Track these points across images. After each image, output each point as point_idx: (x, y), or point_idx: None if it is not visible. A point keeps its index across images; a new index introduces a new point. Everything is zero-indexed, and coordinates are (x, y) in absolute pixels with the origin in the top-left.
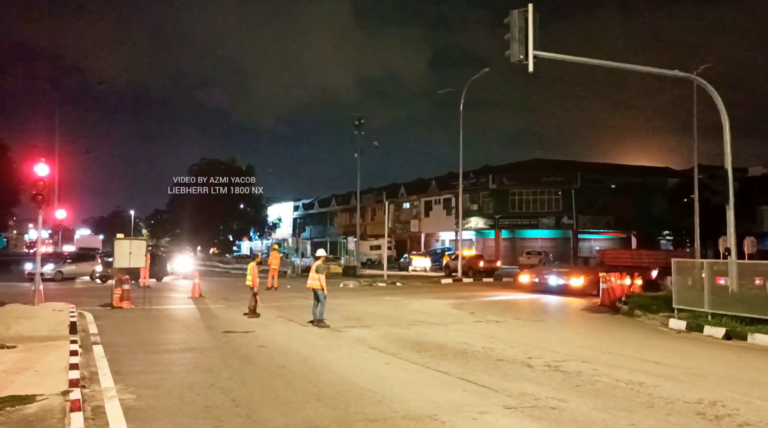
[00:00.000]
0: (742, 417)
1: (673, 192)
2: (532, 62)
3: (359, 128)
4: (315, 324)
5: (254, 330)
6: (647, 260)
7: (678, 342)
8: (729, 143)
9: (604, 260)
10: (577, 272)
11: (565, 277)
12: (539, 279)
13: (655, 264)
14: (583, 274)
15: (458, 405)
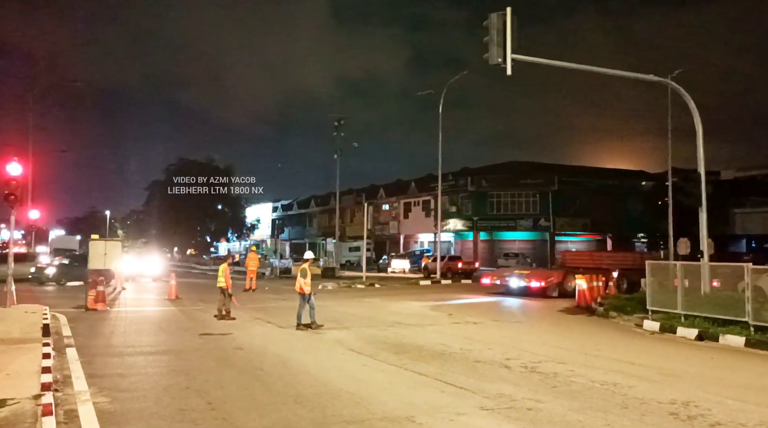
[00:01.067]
0: (714, 417)
1: (647, 195)
2: (510, 65)
3: (339, 129)
4: (313, 328)
5: (231, 332)
6: (608, 262)
7: (652, 343)
8: (702, 147)
9: (566, 262)
10: (538, 274)
11: (527, 279)
12: (501, 281)
13: (616, 266)
14: (544, 276)
15: (435, 407)
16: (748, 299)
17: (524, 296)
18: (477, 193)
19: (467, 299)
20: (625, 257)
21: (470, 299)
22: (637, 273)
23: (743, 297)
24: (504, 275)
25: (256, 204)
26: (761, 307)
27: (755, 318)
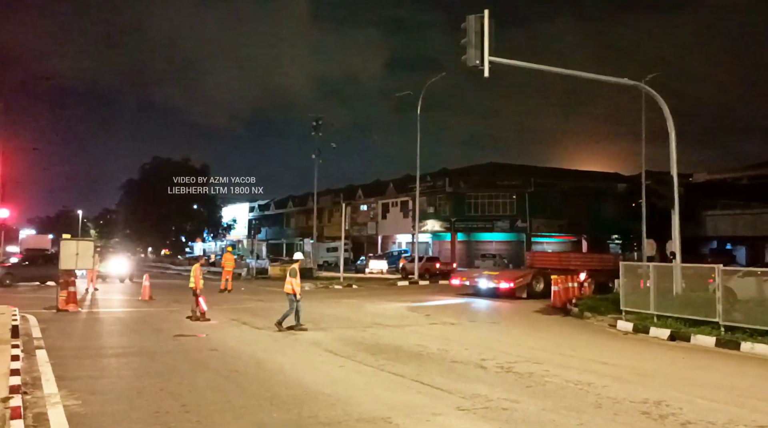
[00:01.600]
0: (685, 416)
1: (622, 197)
2: (487, 68)
3: (317, 130)
4: (295, 329)
5: (206, 334)
6: (575, 263)
7: (625, 343)
8: (675, 150)
9: (534, 263)
10: (507, 275)
11: (496, 280)
12: (470, 282)
13: (583, 267)
14: (512, 277)
15: (412, 407)
16: (719, 299)
17: (494, 298)
18: (455, 194)
19: (443, 301)
20: (592, 259)
21: (445, 301)
22: (604, 274)
23: (714, 298)
24: (473, 276)
25: (232, 204)
26: (731, 308)
27: (725, 319)
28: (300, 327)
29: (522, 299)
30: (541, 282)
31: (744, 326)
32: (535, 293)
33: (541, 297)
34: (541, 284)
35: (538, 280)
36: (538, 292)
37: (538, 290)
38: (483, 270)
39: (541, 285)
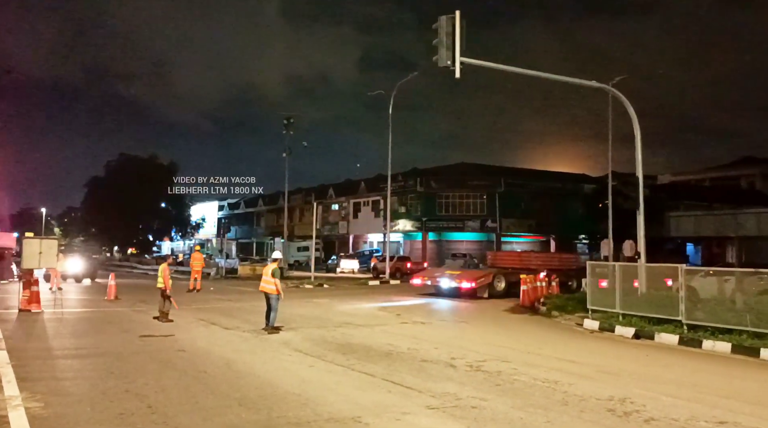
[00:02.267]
0: (649, 413)
1: (589, 197)
2: (459, 68)
3: (288, 128)
4: (268, 331)
5: (174, 334)
6: (536, 262)
7: (592, 342)
8: (640, 152)
9: (495, 263)
10: (469, 275)
11: (457, 280)
12: (432, 282)
13: (543, 266)
14: (474, 277)
15: (382, 407)
16: (682, 298)
17: (455, 298)
18: (426, 194)
19: (413, 300)
20: (552, 258)
21: (416, 300)
22: (564, 274)
23: (677, 297)
24: (435, 276)
25: (201, 202)
26: (694, 306)
27: (688, 317)
28: (274, 328)
29: (485, 299)
30: (502, 282)
31: (706, 324)
32: (496, 293)
33: (502, 297)
34: (502, 283)
35: (499, 280)
36: (500, 292)
37: (499, 290)
38: (445, 270)
39: (502, 285)
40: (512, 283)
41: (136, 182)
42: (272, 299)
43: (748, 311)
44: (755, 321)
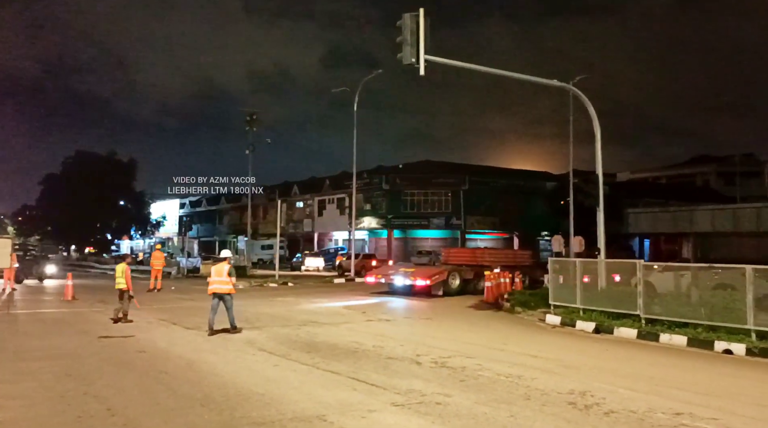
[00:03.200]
0: (608, 406)
1: (551, 195)
2: (423, 66)
3: (251, 124)
4: (231, 332)
5: (134, 335)
6: (489, 259)
7: (553, 337)
8: (600, 150)
9: (448, 260)
10: (423, 272)
11: (412, 278)
12: (386, 280)
13: (497, 263)
14: (429, 274)
15: (347, 405)
16: (640, 293)
17: (410, 296)
18: (391, 191)
19: (378, 298)
20: (506, 255)
21: (380, 298)
22: (518, 270)
23: (636, 292)
24: (389, 274)
25: (162, 200)
26: (651, 301)
27: (646, 312)
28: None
29: (439, 297)
30: (456, 279)
31: (663, 318)
32: (451, 291)
33: (457, 294)
34: (456, 280)
35: (453, 277)
36: (454, 289)
37: (454, 288)
38: (399, 267)
39: (456, 282)
40: (467, 280)
41: (94, 180)
42: (228, 300)
43: (703, 305)
44: (709, 315)
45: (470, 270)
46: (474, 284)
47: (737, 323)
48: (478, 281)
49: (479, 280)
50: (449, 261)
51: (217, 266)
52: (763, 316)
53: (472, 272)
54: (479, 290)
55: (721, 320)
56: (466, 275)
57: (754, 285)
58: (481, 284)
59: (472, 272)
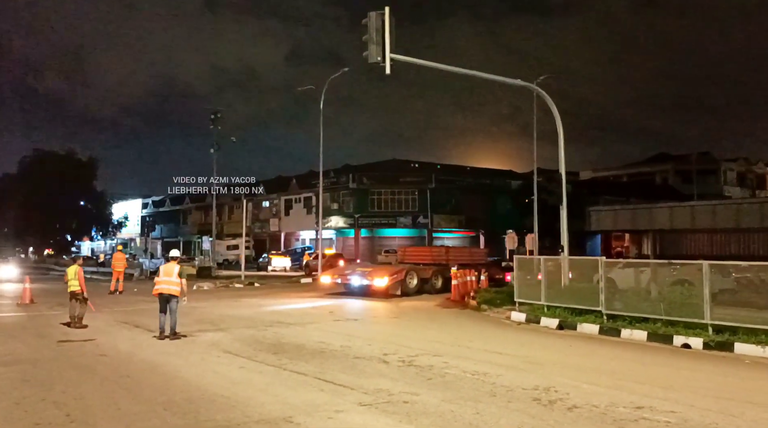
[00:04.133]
0: (572, 401)
1: (515, 193)
2: (389, 65)
3: (215, 123)
4: (171, 338)
5: (95, 338)
6: (447, 258)
7: (519, 333)
8: (563, 149)
9: (405, 258)
10: (381, 271)
11: (369, 277)
12: (342, 280)
13: (455, 261)
14: (387, 273)
15: (314, 405)
16: (602, 290)
17: (367, 296)
18: (358, 190)
19: (346, 298)
20: (462, 253)
21: (347, 298)
22: (474, 268)
23: (598, 288)
24: (345, 274)
25: (123, 200)
26: (612, 297)
27: (607, 307)
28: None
29: (393, 297)
30: (414, 278)
31: (624, 314)
32: (409, 291)
33: (416, 294)
34: (414, 280)
35: (411, 276)
36: (412, 289)
37: (411, 287)
38: (356, 267)
39: (414, 281)
40: (424, 280)
41: (53, 179)
42: (174, 302)
43: (662, 300)
44: (668, 310)
45: (428, 269)
46: (432, 284)
47: (695, 317)
48: (436, 280)
49: (437, 279)
50: (406, 260)
51: (166, 266)
52: (720, 310)
53: (430, 271)
54: (437, 289)
55: (680, 315)
56: (424, 274)
57: (710, 280)
58: (439, 283)
59: (429, 271)
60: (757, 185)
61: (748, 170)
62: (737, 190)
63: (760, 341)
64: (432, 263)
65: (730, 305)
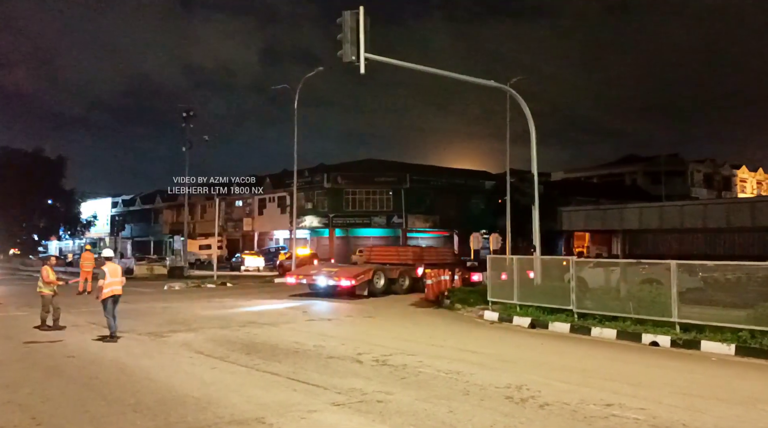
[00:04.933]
0: (543, 398)
1: (489, 193)
2: (363, 64)
3: (187, 121)
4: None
5: (62, 339)
6: (413, 257)
7: (492, 332)
8: (535, 150)
9: (371, 258)
10: (347, 272)
11: (336, 278)
12: (307, 281)
13: (421, 261)
14: (353, 274)
15: (287, 406)
16: (573, 289)
17: (334, 297)
18: (333, 190)
19: (321, 299)
20: (429, 253)
21: (322, 299)
22: (440, 267)
23: (569, 287)
24: (311, 274)
25: (93, 199)
26: (583, 296)
27: (578, 306)
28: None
29: (360, 298)
30: (381, 279)
31: (594, 312)
32: (376, 291)
33: (383, 295)
34: (381, 280)
35: (378, 276)
36: (379, 289)
37: (378, 288)
38: (322, 267)
39: (381, 282)
40: (392, 280)
41: (20, 178)
42: (113, 300)
43: (631, 299)
44: (637, 308)
45: (395, 269)
46: (399, 284)
47: (663, 316)
48: (403, 280)
49: (404, 280)
50: (372, 260)
51: (111, 267)
52: (687, 309)
53: (397, 272)
54: (404, 289)
55: (648, 313)
56: (391, 274)
57: (678, 279)
58: (406, 283)
59: (396, 272)
60: (723, 186)
61: (714, 171)
62: (704, 191)
63: (726, 338)
64: (399, 263)
65: (697, 304)
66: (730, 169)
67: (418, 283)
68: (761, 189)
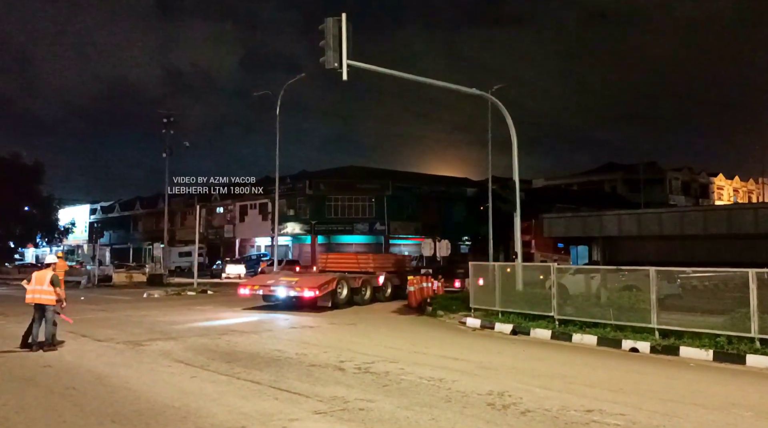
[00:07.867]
0: (525, 405)
1: (471, 200)
2: (346, 71)
3: (168, 127)
4: (45, 349)
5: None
6: (373, 265)
7: (474, 339)
8: (516, 158)
9: (327, 266)
10: (309, 281)
11: (297, 288)
12: (264, 291)
13: (382, 269)
14: (316, 283)
15: (268, 414)
16: (554, 295)
17: (296, 309)
18: (315, 197)
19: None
20: (388, 260)
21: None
22: (398, 275)
23: (550, 294)
24: (268, 284)
25: (71, 205)
26: (564, 303)
27: (559, 313)
28: (55, 343)
29: (324, 310)
30: (344, 288)
31: (575, 319)
32: (339, 302)
33: (346, 305)
34: (344, 290)
35: (341, 286)
36: (342, 300)
37: (342, 298)
38: (280, 276)
39: (344, 292)
40: (354, 290)
41: None
42: (49, 312)
43: (611, 305)
44: (617, 315)
45: (356, 279)
46: (361, 295)
47: (642, 322)
48: (365, 290)
49: (366, 289)
50: (327, 269)
51: (39, 273)
52: (666, 315)
53: (359, 281)
54: (366, 300)
55: (628, 319)
56: (353, 283)
57: (657, 286)
58: (368, 293)
59: (359, 281)
60: (700, 194)
61: (692, 179)
62: (682, 198)
63: (704, 344)
64: (359, 271)
65: (676, 310)
66: (707, 177)
67: (379, 293)
68: (738, 196)
